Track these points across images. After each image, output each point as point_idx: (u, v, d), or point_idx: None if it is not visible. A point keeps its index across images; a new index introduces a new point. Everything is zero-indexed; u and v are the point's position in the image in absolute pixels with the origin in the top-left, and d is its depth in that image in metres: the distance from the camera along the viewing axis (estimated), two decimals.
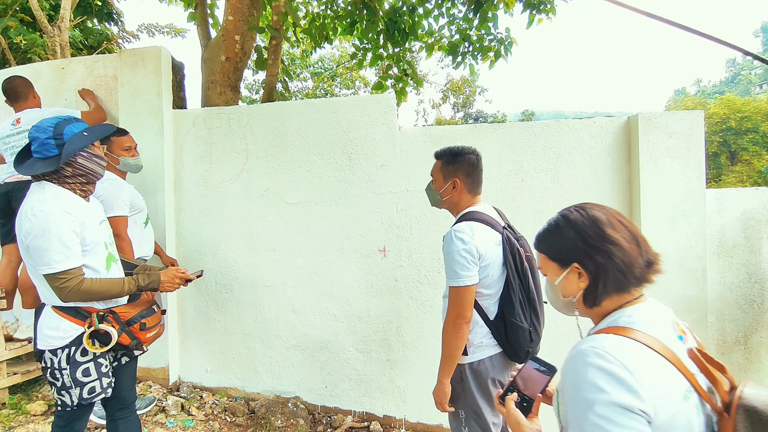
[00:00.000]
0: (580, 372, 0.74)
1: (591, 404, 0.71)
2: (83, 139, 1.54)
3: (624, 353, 0.73)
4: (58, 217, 1.44)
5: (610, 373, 0.71)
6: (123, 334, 1.57)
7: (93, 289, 1.49)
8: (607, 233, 0.84)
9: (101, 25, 8.49)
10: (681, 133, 2.35)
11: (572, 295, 0.89)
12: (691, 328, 0.92)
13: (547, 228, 0.94)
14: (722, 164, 22.46)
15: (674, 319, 0.86)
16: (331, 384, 2.80)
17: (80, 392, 1.54)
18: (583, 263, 0.85)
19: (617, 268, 0.82)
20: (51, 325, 1.53)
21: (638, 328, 0.78)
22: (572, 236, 0.87)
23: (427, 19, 4.38)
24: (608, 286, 0.84)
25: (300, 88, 15.04)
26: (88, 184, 1.62)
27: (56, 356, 1.52)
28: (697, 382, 0.77)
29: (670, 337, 0.79)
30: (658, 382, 0.72)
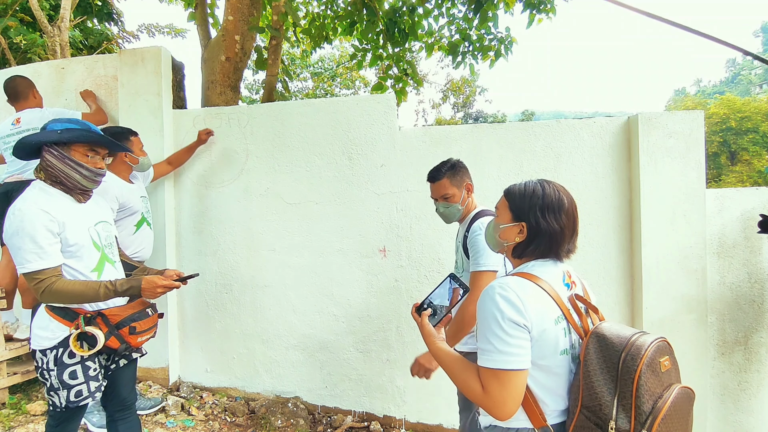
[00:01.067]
0: (487, 298, 1.00)
1: (493, 317, 0.98)
2: (50, 135, 1.48)
3: (519, 287, 1.00)
4: (33, 217, 1.42)
5: (506, 298, 0.98)
6: (112, 337, 1.53)
7: (65, 290, 1.44)
8: (561, 216, 1.06)
9: (101, 25, 8.49)
10: (681, 133, 2.35)
11: (506, 241, 1.13)
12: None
13: (522, 187, 1.13)
14: (722, 164, 22.45)
15: (566, 270, 1.12)
16: (331, 384, 2.80)
17: (67, 394, 1.51)
18: (530, 224, 1.07)
19: (550, 243, 1.07)
20: (41, 324, 1.52)
21: (535, 273, 1.05)
22: (538, 202, 1.07)
23: (427, 19, 4.38)
24: (535, 251, 1.09)
25: (300, 88, 15.05)
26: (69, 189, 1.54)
27: (45, 356, 1.51)
28: (570, 315, 1.04)
29: (556, 282, 1.06)
30: (538, 308, 0.99)
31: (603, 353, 0.97)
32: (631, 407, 0.90)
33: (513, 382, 0.95)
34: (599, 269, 2.49)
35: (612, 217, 2.47)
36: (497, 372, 0.96)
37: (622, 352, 0.93)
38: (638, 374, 0.90)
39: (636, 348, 0.93)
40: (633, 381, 0.90)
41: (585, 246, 2.50)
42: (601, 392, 0.94)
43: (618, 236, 2.47)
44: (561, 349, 1.01)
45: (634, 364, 0.91)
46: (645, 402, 0.89)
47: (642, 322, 2.35)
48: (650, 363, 0.91)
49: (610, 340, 0.97)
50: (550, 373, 1.02)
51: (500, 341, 0.96)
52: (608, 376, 0.95)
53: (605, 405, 0.93)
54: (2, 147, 2.69)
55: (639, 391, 0.90)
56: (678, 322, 2.33)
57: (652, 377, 0.91)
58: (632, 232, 2.45)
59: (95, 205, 1.68)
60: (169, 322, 2.93)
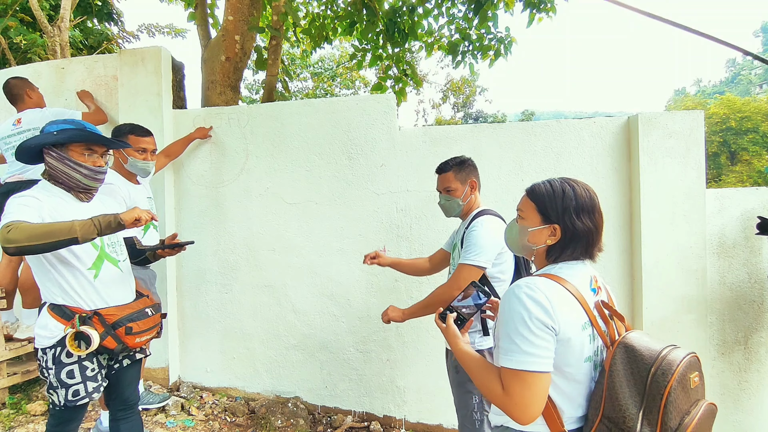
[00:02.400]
0: (514, 297, 0.98)
1: (520, 316, 0.95)
2: (47, 137, 1.50)
3: (549, 289, 0.97)
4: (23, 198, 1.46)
5: (534, 299, 0.95)
6: (108, 337, 1.51)
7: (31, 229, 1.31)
8: (595, 217, 1.05)
9: (101, 25, 8.48)
10: (681, 134, 2.35)
11: (535, 244, 1.09)
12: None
13: (549, 187, 1.08)
14: (722, 164, 22.46)
15: (593, 275, 1.10)
16: (331, 384, 2.80)
17: (65, 393, 1.52)
18: (565, 228, 1.04)
19: (585, 244, 1.05)
20: (41, 323, 1.53)
21: (562, 276, 1.02)
22: (571, 204, 1.04)
23: (427, 19, 4.38)
24: (571, 252, 1.05)
25: (300, 88, 15.05)
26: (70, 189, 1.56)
27: (45, 355, 1.52)
28: (596, 321, 1.01)
29: (584, 287, 1.04)
30: (566, 311, 0.96)
31: (631, 365, 0.94)
32: (657, 423, 0.88)
33: (536, 384, 0.93)
34: (599, 269, 2.48)
35: (612, 217, 2.47)
36: (520, 373, 0.93)
37: (652, 366, 0.91)
38: (668, 391, 0.88)
39: (667, 363, 0.91)
40: (662, 397, 0.88)
41: None
42: (626, 404, 0.92)
43: (618, 236, 2.47)
44: (586, 356, 0.99)
45: (664, 380, 0.89)
46: (672, 418, 0.88)
47: (642, 322, 2.35)
48: (681, 379, 0.90)
49: (639, 352, 0.94)
50: (572, 380, 0.99)
51: (525, 341, 0.93)
52: (635, 389, 0.92)
53: (629, 418, 0.91)
54: (3, 147, 2.69)
55: (667, 407, 0.88)
56: (678, 322, 2.33)
57: (682, 394, 0.90)
58: (632, 232, 2.45)
59: (100, 203, 1.68)
60: (169, 322, 2.93)
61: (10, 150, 2.66)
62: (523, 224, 1.12)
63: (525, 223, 1.11)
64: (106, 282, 1.59)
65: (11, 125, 2.67)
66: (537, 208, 1.08)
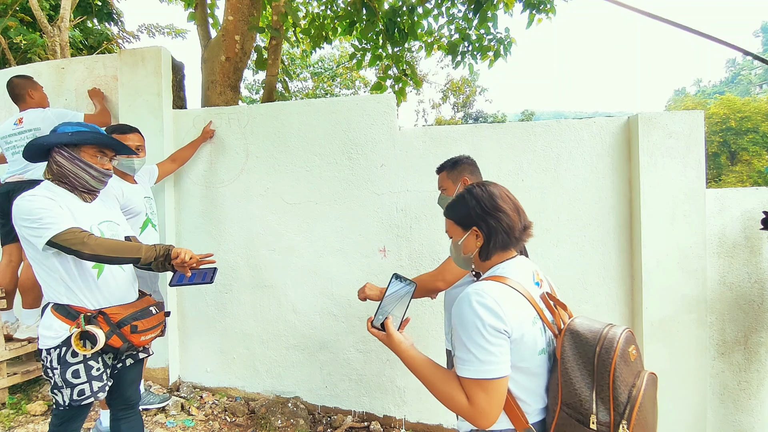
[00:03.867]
0: (465, 305, 0.99)
1: (474, 326, 0.96)
2: (61, 137, 1.54)
3: (496, 292, 0.99)
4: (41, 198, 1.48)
5: (485, 305, 0.97)
6: (114, 336, 1.53)
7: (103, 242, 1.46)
8: (498, 204, 1.10)
9: (101, 25, 8.49)
10: (681, 133, 2.35)
11: (470, 252, 1.14)
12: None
13: (456, 199, 1.17)
14: (722, 164, 22.45)
15: (535, 269, 1.14)
16: (331, 384, 2.80)
17: (71, 393, 1.53)
18: (480, 227, 1.10)
19: (504, 230, 1.09)
20: (45, 324, 1.53)
21: (507, 275, 1.05)
22: (474, 205, 1.11)
23: (427, 19, 4.38)
24: (497, 244, 1.09)
25: (300, 88, 15.04)
26: (76, 189, 1.59)
27: (50, 355, 1.53)
28: (543, 314, 1.05)
29: (528, 282, 1.08)
30: (516, 311, 0.99)
31: (578, 350, 0.98)
32: (609, 399, 0.93)
33: (497, 389, 0.95)
34: (599, 269, 2.49)
35: (612, 217, 2.47)
36: (481, 382, 0.95)
37: (596, 346, 0.96)
38: (613, 366, 0.92)
39: (608, 341, 0.95)
40: (609, 374, 0.93)
41: (585, 246, 2.50)
42: (580, 388, 0.96)
43: (618, 236, 2.47)
44: (539, 349, 1.02)
45: (608, 357, 0.93)
46: (621, 393, 0.92)
47: (642, 322, 2.35)
48: (622, 354, 0.94)
49: (584, 336, 0.98)
50: (529, 374, 1.02)
51: (481, 350, 0.95)
52: (585, 372, 0.96)
53: (585, 400, 0.95)
54: (4, 147, 2.69)
55: (616, 383, 0.92)
56: (678, 322, 2.33)
57: (625, 368, 0.94)
58: (632, 232, 2.45)
59: (101, 204, 1.70)
60: (170, 322, 2.93)
61: (11, 149, 2.66)
62: (454, 241, 1.18)
63: (455, 239, 1.18)
64: (109, 281, 1.60)
65: (12, 124, 2.66)
66: (455, 221, 1.16)
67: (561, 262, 2.52)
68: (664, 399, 2.35)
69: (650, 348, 2.34)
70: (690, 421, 2.33)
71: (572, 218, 2.51)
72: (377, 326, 1.13)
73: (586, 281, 2.50)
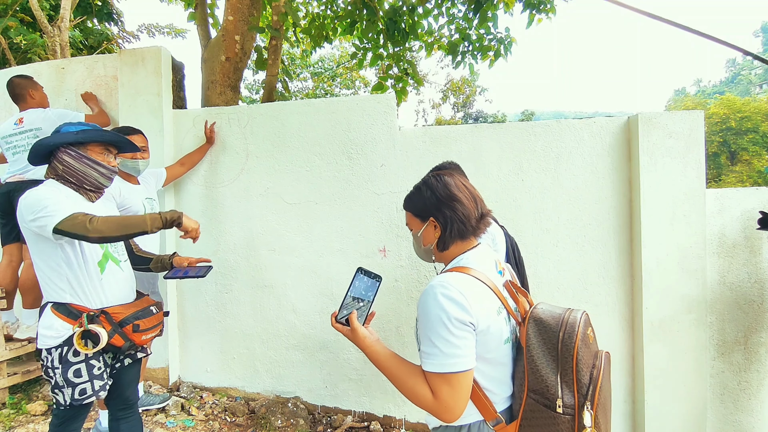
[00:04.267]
0: (430, 298, 0.98)
1: (438, 319, 0.95)
2: (66, 136, 1.55)
3: (461, 284, 0.98)
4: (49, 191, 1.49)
5: (450, 297, 0.96)
6: (116, 335, 1.54)
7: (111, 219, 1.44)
8: (453, 192, 1.09)
9: (101, 25, 8.49)
10: (681, 133, 2.35)
11: (430, 244, 1.14)
12: None
13: (412, 191, 1.18)
14: (722, 164, 22.46)
15: (497, 259, 1.15)
16: (331, 384, 2.80)
17: (72, 393, 1.53)
18: (437, 216, 1.10)
19: (459, 219, 1.08)
20: (46, 323, 1.53)
21: (470, 266, 1.05)
22: (429, 195, 1.11)
23: (427, 19, 4.38)
24: (453, 233, 1.09)
25: (300, 88, 15.04)
26: (82, 188, 1.59)
27: (50, 355, 1.52)
28: (507, 303, 1.06)
29: (491, 272, 1.08)
30: (481, 302, 0.98)
31: (542, 336, 0.99)
32: (573, 382, 0.94)
33: (462, 382, 0.95)
34: (599, 269, 2.49)
35: (612, 217, 2.47)
36: (446, 376, 0.94)
37: (559, 331, 0.97)
38: (576, 350, 0.94)
39: (570, 326, 0.96)
40: (572, 357, 0.94)
41: (585, 246, 2.50)
42: (546, 374, 0.96)
43: (618, 236, 2.47)
44: (504, 338, 1.03)
45: (571, 342, 0.94)
46: (584, 375, 0.94)
47: (642, 322, 2.35)
48: (583, 337, 0.96)
49: (546, 323, 0.99)
50: (496, 363, 1.02)
51: (446, 343, 0.94)
52: (549, 357, 0.97)
53: (551, 385, 0.95)
54: (4, 147, 2.69)
55: (579, 365, 0.94)
56: (678, 322, 2.33)
57: (586, 350, 0.96)
58: (632, 232, 2.45)
59: (103, 204, 1.70)
60: (170, 322, 2.93)
61: (11, 149, 2.66)
62: (414, 233, 1.18)
63: (414, 231, 1.18)
64: (110, 281, 1.62)
65: (13, 124, 2.66)
66: (413, 213, 1.17)
67: (561, 262, 2.52)
68: (664, 399, 2.35)
69: (650, 348, 2.34)
70: (690, 421, 2.33)
71: (572, 218, 2.51)
72: (341, 321, 1.11)
73: (586, 281, 2.50)
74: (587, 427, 0.91)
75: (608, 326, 2.49)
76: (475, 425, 1.03)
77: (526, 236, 2.55)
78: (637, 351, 2.43)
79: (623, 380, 2.49)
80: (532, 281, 2.56)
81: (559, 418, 0.93)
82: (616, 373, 2.49)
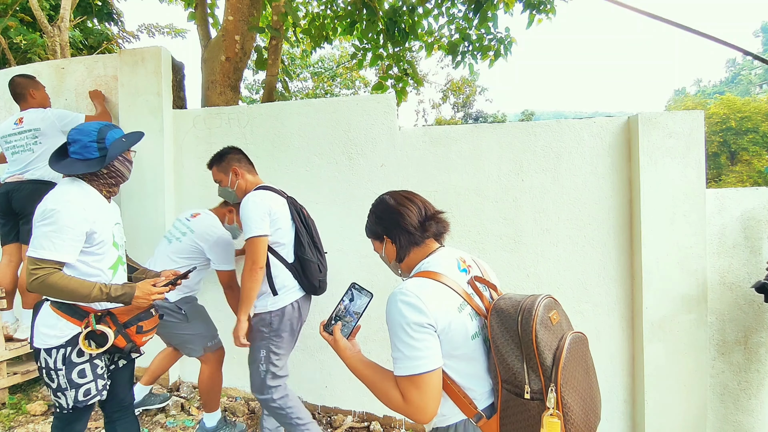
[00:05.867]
0: (392, 306, 1.04)
1: (399, 324, 1.00)
2: (122, 144, 1.61)
3: (418, 288, 1.03)
4: (73, 211, 1.45)
5: (407, 303, 1.00)
6: (119, 336, 1.54)
7: (59, 284, 1.41)
8: (390, 207, 1.19)
9: (101, 25, 8.49)
10: (681, 134, 2.35)
11: (393, 259, 1.21)
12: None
13: (367, 218, 1.28)
14: (722, 164, 22.46)
15: (460, 256, 1.18)
16: (331, 384, 2.80)
17: (75, 394, 1.51)
18: (387, 233, 1.19)
19: (403, 229, 1.15)
20: (48, 323, 1.51)
21: (431, 269, 1.10)
22: (374, 219, 1.23)
23: (427, 19, 4.38)
24: (403, 243, 1.17)
25: (300, 88, 15.04)
26: (116, 185, 1.66)
27: (51, 356, 1.49)
28: (471, 299, 1.08)
29: (452, 271, 1.11)
30: (439, 302, 1.02)
31: (504, 325, 1.01)
32: (538, 366, 0.95)
33: (429, 383, 0.98)
34: (599, 269, 2.49)
35: (612, 217, 2.47)
36: (412, 378, 0.98)
37: (517, 317, 0.99)
38: (534, 332, 0.95)
39: (527, 310, 0.98)
40: (532, 341, 0.95)
41: (585, 246, 2.50)
42: (512, 362, 0.99)
43: (618, 236, 2.47)
44: (471, 333, 1.04)
45: (528, 326, 0.96)
46: (546, 357, 0.95)
47: (642, 322, 2.35)
48: (542, 321, 0.97)
49: (506, 311, 1.02)
50: (467, 359, 1.05)
51: (408, 347, 0.98)
52: (513, 345, 0.99)
53: (518, 373, 0.98)
54: (4, 146, 2.69)
55: (540, 348, 0.95)
56: (678, 322, 2.33)
57: (547, 333, 0.97)
58: (632, 232, 2.45)
59: (114, 206, 1.72)
60: None
61: (11, 149, 2.66)
62: (379, 254, 1.28)
63: (379, 253, 1.27)
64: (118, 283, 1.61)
65: (13, 124, 2.66)
66: (372, 238, 1.27)
67: (561, 262, 2.52)
68: (664, 399, 2.35)
69: (650, 348, 2.34)
70: (690, 421, 2.33)
71: (572, 218, 2.51)
72: (329, 331, 1.19)
73: (586, 281, 2.50)
74: (549, 408, 0.92)
75: (608, 326, 2.49)
76: (461, 424, 1.06)
77: (526, 236, 2.55)
78: (636, 351, 2.43)
79: (623, 380, 2.49)
80: (532, 281, 2.56)
81: (528, 404, 0.96)
82: (616, 373, 2.49)
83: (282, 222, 1.98)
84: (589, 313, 2.50)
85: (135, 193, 2.90)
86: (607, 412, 2.50)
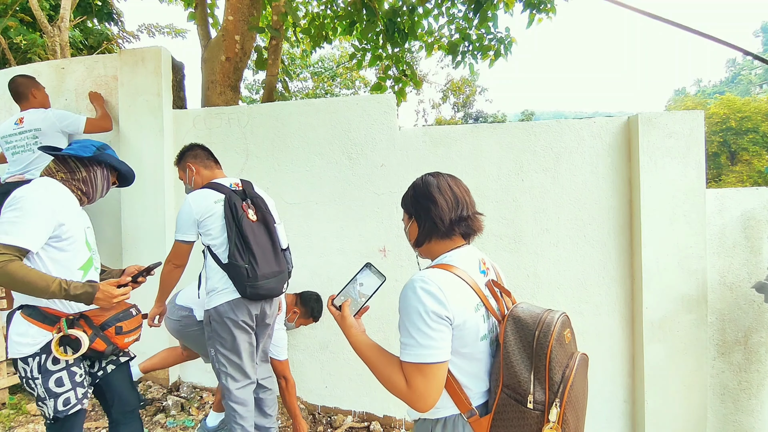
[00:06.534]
0: (410, 291, 1.02)
1: (416, 311, 0.99)
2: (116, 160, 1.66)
3: (440, 279, 1.02)
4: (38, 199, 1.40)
5: (428, 291, 0.99)
6: (97, 339, 1.47)
7: (18, 273, 1.31)
8: (429, 192, 1.14)
9: (101, 25, 8.49)
10: (681, 134, 2.35)
11: (413, 241, 1.19)
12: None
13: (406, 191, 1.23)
14: (722, 164, 22.46)
15: (482, 258, 1.18)
16: (331, 384, 2.80)
17: (54, 404, 1.44)
18: (415, 215, 1.16)
19: (431, 218, 1.12)
20: (19, 331, 1.44)
21: (452, 264, 1.08)
22: (411, 194, 1.19)
23: (427, 19, 4.38)
24: (426, 231, 1.14)
25: (300, 88, 15.05)
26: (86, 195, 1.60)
27: (28, 365, 1.44)
28: (487, 301, 1.09)
29: (474, 270, 1.11)
30: (458, 298, 1.01)
31: (519, 334, 1.02)
32: (545, 380, 0.97)
33: (435, 374, 0.99)
34: (599, 269, 2.49)
35: (612, 217, 2.47)
36: (421, 366, 0.98)
37: (535, 330, 1.00)
38: (550, 349, 0.97)
39: (546, 325, 0.99)
40: (546, 355, 0.97)
41: (585, 246, 2.50)
42: (519, 370, 1.00)
43: (618, 236, 2.47)
44: (481, 335, 1.06)
45: (546, 340, 0.98)
46: (556, 373, 0.97)
47: (642, 322, 2.35)
48: (558, 337, 0.99)
49: (524, 321, 1.03)
50: (472, 359, 1.06)
51: (423, 335, 0.98)
52: (525, 355, 1.01)
53: (524, 381, 0.99)
54: (4, 146, 2.69)
55: (551, 364, 0.97)
56: (678, 322, 2.33)
57: (560, 350, 0.99)
58: (632, 232, 2.45)
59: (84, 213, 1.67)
60: None
61: (11, 149, 2.66)
62: (404, 228, 1.24)
63: (404, 226, 1.24)
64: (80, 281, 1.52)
65: (13, 124, 2.66)
66: (404, 209, 1.23)
67: (561, 262, 2.52)
68: (664, 399, 2.35)
69: (650, 348, 2.34)
70: (690, 421, 2.33)
71: (572, 218, 2.51)
72: (336, 305, 1.18)
73: (586, 281, 2.50)
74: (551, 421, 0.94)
75: (608, 326, 2.49)
76: (450, 419, 1.09)
77: (527, 236, 2.55)
78: (637, 351, 2.43)
79: (623, 380, 2.49)
80: (532, 281, 2.56)
81: (529, 413, 0.97)
82: (616, 373, 2.49)
83: (212, 224, 1.94)
84: (589, 313, 2.50)
85: (135, 193, 2.90)
86: (607, 412, 2.51)
